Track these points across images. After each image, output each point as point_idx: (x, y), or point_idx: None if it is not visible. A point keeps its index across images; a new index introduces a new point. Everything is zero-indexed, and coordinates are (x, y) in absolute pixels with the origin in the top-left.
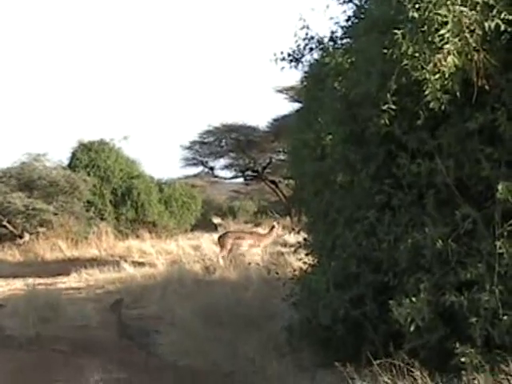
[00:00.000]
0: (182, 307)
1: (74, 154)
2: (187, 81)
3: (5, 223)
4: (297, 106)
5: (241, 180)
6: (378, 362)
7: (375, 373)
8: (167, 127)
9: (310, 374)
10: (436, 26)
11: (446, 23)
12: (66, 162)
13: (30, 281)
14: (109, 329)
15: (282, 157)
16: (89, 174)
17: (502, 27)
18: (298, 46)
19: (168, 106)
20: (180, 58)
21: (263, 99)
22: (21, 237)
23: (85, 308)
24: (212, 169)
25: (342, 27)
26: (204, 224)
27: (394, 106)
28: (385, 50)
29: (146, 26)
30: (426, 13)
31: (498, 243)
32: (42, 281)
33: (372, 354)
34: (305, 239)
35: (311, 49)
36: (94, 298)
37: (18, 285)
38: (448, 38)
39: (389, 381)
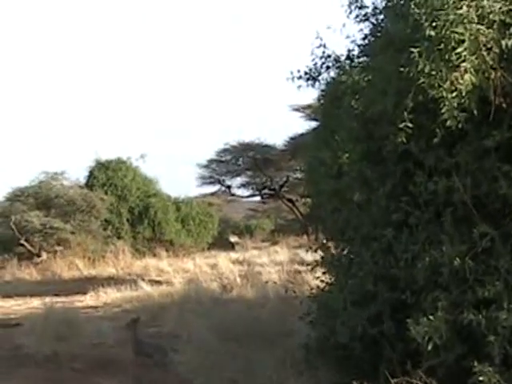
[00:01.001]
0: (199, 325)
1: (91, 173)
2: (204, 99)
3: (22, 242)
4: (313, 124)
5: (258, 198)
6: (396, 380)
7: None
8: (184, 146)
9: None
10: (453, 44)
11: (463, 41)
12: (83, 181)
13: (48, 299)
14: (126, 347)
15: (298, 175)
16: (106, 193)
17: None
18: (315, 64)
19: (185, 124)
20: (197, 77)
21: (280, 118)
22: (38, 255)
23: (102, 326)
24: (229, 187)
25: (359, 45)
26: (221, 242)
27: (410, 124)
28: (401, 68)
29: (164, 45)
30: (443, 31)
31: None
32: (59, 299)
33: (389, 373)
34: (322, 257)
35: (328, 67)
36: (111, 317)
37: (35, 303)
38: (465, 56)
39: None
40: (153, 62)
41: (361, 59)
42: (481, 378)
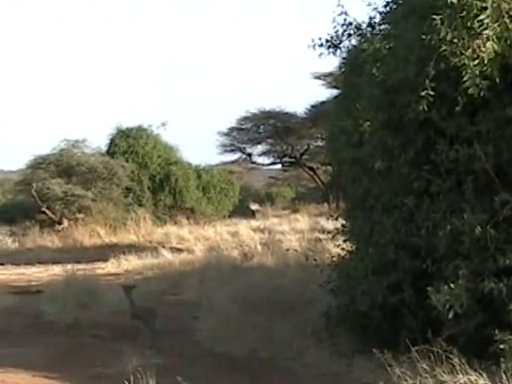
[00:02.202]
0: (219, 293)
1: (112, 141)
2: (225, 67)
3: (44, 209)
4: (335, 92)
5: (278, 166)
6: (416, 348)
7: (413, 359)
8: (205, 114)
9: (348, 360)
10: (475, 11)
11: (485, 9)
12: (104, 149)
13: (69, 267)
14: None
15: (319, 143)
16: (127, 161)
17: None
18: (337, 32)
19: (206, 92)
20: (219, 44)
21: (301, 85)
22: (60, 223)
23: (122, 294)
24: (250, 155)
25: (381, 13)
26: (242, 210)
27: (432, 92)
28: (423, 36)
29: (189, 10)
30: None
31: None
32: (80, 267)
33: (410, 341)
34: (343, 225)
35: (349, 35)
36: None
37: (56, 271)
38: (487, 23)
39: (427, 368)
40: (175, 30)
41: (382, 27)
42: (501, 346)
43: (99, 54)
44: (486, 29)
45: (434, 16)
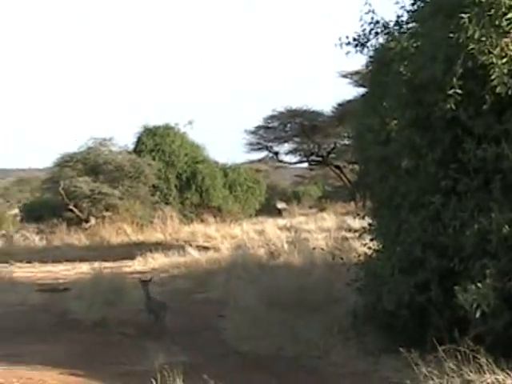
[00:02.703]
0: (245, 292)
1: (139, 139)
2: (252, 65)
3: (71, 207)
4: (361, 90)
5: (305, 165)
6: (443, 347)
7: (440, 359)
8: (232, 112)
9: (374, 359)
10: (503, 9)
11: None
12: (131, 147)
13: (96, 264)
14: (172, 312)
15: (346, 142)
16: (154, 159)
17: None
18: (364, 30)
19: (233, 90)
20: (246, 43)
21: (328, 84)
22: (87, 221)
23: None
24: (276, 154)
25: (408, 11)
26: (268, 209)
27: (459, 91)
28: (451, 34)
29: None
30: None
31: None
32: (107, 264)
33: (437, 340)
34: (369, 224)
35: (376, 33)
36: (159, 282)
37: (83, 268)
38: None
39: (454, 367)
40: (202, 30)
41: (410, 25)
42: None
43: (128, 53)
44: None
45: (462, 14)
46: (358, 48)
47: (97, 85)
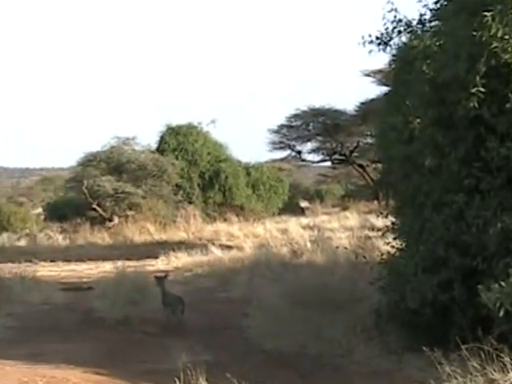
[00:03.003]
0: (269, 290)
1: (162, 138)
2: (275, 65)
3: (95, 206)
4: (384, 89)
5: (328, 164)
6: (466, 346)
7: (463, 357)
8: (255, 111)
9: (398, 358)
10: None
11: None
12: (154, 146)
13: (119, 263)
14: (196, 311)
15: (369, 140)
16: (177, 158)
17: None
18: (387, 28)
19: (256, 89)
20: (269, 41)
21: (351, 83)
22: (110, 220)
23: (173, 291)
24: (299, 152)
25: (431, 9)
26: (291, 207)
27: (483, 89)
28: (474, 33)
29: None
30: None
31: None
32: (130, 263)
33: (460, 339)
34: (393, 223)
35: (399, 32)
36: (182, 281)
37: (107, 267)
38: None
39: (477, 366)
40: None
41: (433, 23)
42: None
43: (153, 54)
44: None
45: (485, 12)
46: (381, 46)
47: (120, 84)
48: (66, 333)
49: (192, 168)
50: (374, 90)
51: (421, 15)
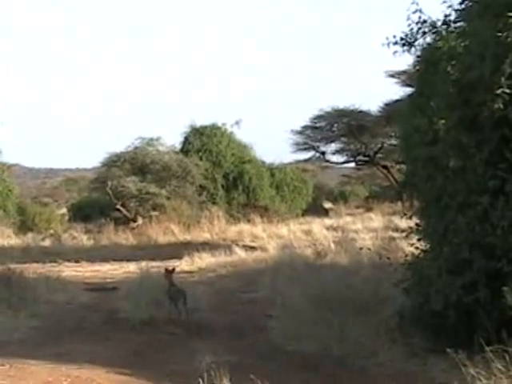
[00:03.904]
0: (292, 292)
1: (186, 139)
2: (299, 65)
3: (119, 207)
4: (409, 90)
5: (352, 165)
6: (491, 348)
7: (488, 359)
8: (279, 112)
9: (421, 360)
10: None
11: None
12: (178, 147)
13: (143, 264)
14: (220, 312)
15: (393, 141)
16: (201, 159)
17: None
18: (411, 29)
19: (280, 90)
20: (292, 42)
21: (375, 84)
22: (134, 220)
23: (196, 291)
24: (323, 153)
25: (456, 10)
26: (315, 209)
27: (508, 90)
28: (499, 33)
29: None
30: None
31: None
32: (154, 264)
33: (484, 341)
34: (417, 224)
35: (424, 32)
36: (206, 282)
37: (131, 268)
38: None
39: (502, 368)
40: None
41: (457, 24)
42: None
43: (177, 54)
44: None
45: (510, 13)
46: (406, 47)
47: (145, 85)
48: (91, 333)
49: (216, 169)
50: (399, 91)
51: (445, 16)
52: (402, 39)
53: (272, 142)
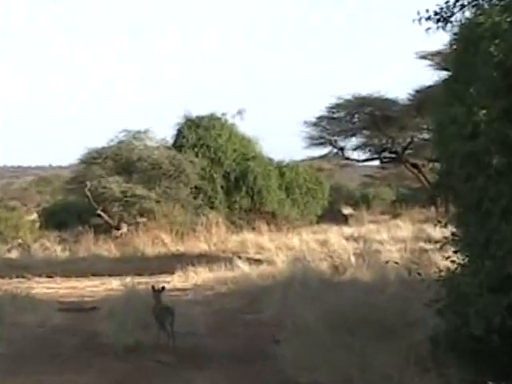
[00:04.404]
0: (305, 312)
1: (179, 132)
2: (312, 45)
3: (99, 212)
4: (444, 74)
5: (376, 163)
6: None
7: None
8: (289, 100)
9: None
10: None
11: None
12: (170, 141)
13: (128, 280)
14: (219, 336)
15: (425, 135)
16: (197, 155)
17: None
18: (447, 2)
19: (291, 74)
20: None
21: (404, 67)
22: (118, 228)
23: (191, 312)
24: (342, 149)
25: None
26: (332, 215)
27: None
28: None
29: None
30: None
31: None
32: (141, 280)
33: None
34: (453, 234)
35: (462, 6)
36: (203, 301)
37: (114, 284)
38: None
39: None
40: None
41: None
42: None
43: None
44: None
45: None
46: (441, 24)
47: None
48: (66, 361)
49: (215, 167)
50: (432, 76)
51: None
52: (436, 14)
53: (281, 136)
